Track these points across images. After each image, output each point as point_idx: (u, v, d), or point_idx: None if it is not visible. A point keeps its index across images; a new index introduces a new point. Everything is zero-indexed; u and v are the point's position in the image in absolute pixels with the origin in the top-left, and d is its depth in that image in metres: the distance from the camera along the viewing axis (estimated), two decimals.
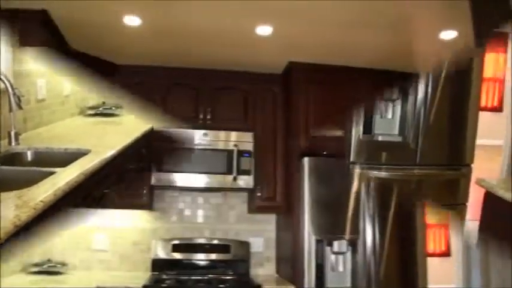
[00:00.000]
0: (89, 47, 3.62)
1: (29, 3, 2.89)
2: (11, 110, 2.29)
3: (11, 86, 2.27)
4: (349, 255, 3.46)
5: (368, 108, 3.47)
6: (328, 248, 3.43)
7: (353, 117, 3.44)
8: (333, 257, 3.44)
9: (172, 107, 3.93)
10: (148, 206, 3.87)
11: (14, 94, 2.27)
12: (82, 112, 3.76)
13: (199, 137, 3.84)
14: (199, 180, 3.79)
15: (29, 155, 2.55)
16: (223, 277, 3.76)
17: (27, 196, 1.61)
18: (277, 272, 4.13)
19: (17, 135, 2.40)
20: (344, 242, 3.43)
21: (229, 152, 3.83)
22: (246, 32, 3.28)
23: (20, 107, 2.32)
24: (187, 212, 4.22)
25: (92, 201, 2.30)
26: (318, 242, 3.42)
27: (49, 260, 3.78)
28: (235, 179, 3.80)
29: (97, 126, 3.22)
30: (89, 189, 2.18)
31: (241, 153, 3.85)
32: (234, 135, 3.88)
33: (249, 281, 3.64)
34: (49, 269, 3.66)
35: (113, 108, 3.78)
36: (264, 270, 4.18)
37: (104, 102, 3.85)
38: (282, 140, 3.99)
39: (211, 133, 3.86)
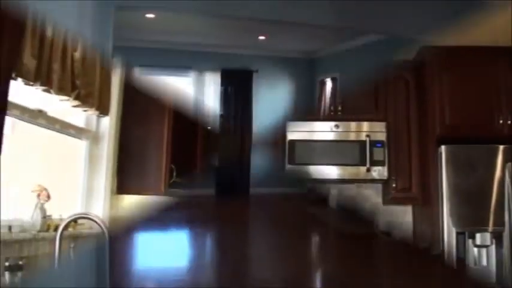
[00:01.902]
0: None
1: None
2: None
3: (108, 232, 2.31)
4: (493, 248, 3.25)
5: None
6: (470, 241, 3.27)
7: None
8: (475, 250, 3.27)
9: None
10: None
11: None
12: None
13: (330, 129, 3.84)
14: (332, 172, 3.79)
15: None
16: None
17: None
18: None
19: None
20: (487, 235, 3.23)
21: (362, 143, 3.78)
22: None
23: None
24: None
25: None
26: (459, 234, 3.27)
27: None
28: (368, 170, 3.74)
29: None
30: None
31: (373, 143, 3.77)
32: (365, 126, 3.82)
33: None
34: None
35: None
36: None
37: None
38: (416, 129, 3.84)
39: (342, 124, 3.84)
